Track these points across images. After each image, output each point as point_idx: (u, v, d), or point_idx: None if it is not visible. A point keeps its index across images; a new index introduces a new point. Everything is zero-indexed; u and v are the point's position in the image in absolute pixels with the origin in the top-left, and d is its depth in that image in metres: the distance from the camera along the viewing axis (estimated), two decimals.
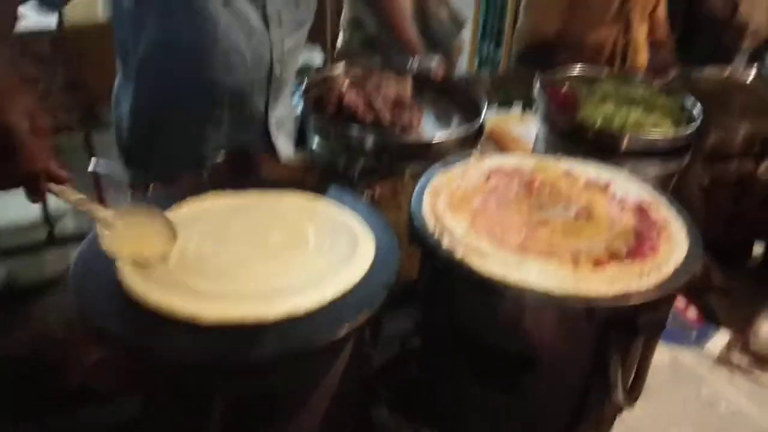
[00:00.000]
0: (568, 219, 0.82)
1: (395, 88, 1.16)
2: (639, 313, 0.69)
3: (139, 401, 0.84)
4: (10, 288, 2.02)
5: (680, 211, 0.87)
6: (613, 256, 0.75)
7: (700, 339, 1.19)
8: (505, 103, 2.22)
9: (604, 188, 0.90)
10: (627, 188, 0.91)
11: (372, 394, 0.99)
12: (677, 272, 0.74)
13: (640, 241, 0.78)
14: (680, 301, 1.26)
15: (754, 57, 3.21)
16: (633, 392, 0.80)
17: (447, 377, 0.89)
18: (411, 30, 1.45)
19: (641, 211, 0.85)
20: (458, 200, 0.86)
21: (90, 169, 1.26)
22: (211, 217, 0.82)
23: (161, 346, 0.63)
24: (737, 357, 1.14)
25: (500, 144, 1.61)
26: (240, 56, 1.27)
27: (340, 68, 1.25)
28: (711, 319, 1.23)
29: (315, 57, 2.88)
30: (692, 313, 1.24)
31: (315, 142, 1.12)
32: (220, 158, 1.15)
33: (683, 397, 1.07)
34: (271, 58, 1.30)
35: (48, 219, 2.30)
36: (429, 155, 1.06)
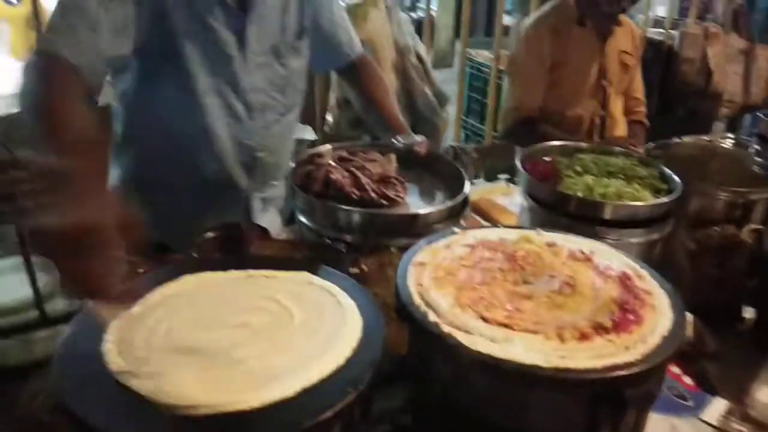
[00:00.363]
0: (552, 291, 0.83)
1: (380, 165, 1.19)
2: (626, 386, 0.69)
3: None
4: None
5: (663, 281, 0.88)
6: (598, 328, 0.75)
7: (697, 407, 1.17)
8: (491, 175, 2.27)
9: (587, 259, 0.92)
10: (610, 259, 0.93)
11: None
12: (663, 343, 0.74)
13: (624, 313, 0.78)
14: (675, 369, 1.25)
15: (732, 124, 3.32)
16: None
17: None
18: (395, 109, 1.51)
19: (624, 281, 0.86)
20: (443, 274, 0.87)
21: None
22: (196, 298, 0.83)
23: None
24: (737, 425, 1.13)
25: (486, 215, 1.64)
26: (225, 143, 1.34)
27: (326, 147, 1.29)
28: (706, 386, 1.21)
29: (309, 136, 2.96)
30: (688, 380, 1.23)
31: (302, 218, 1.14)
32: (208, 236, 1.16)
33: None
34: (254, 144, 1.36)
35: (39, 299, 2.27)
36: (415, 229, 1.08)
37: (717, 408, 1.17)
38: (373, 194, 1.12)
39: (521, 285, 0.85)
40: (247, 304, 0.82)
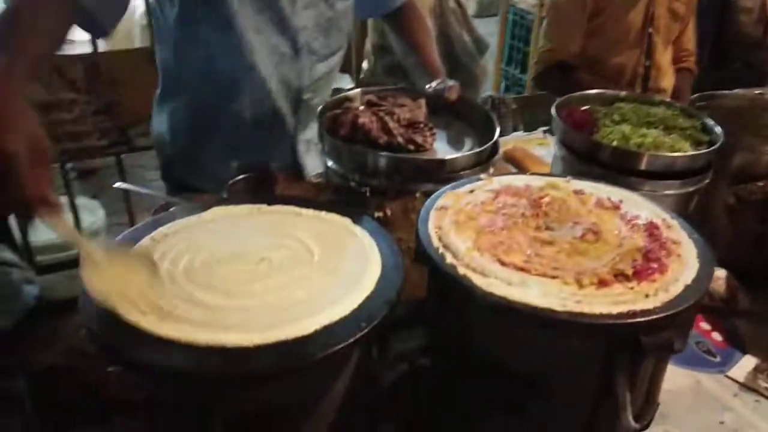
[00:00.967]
0: (574, 238, 0.81)
1: (410, 110, 1.17)
2: (643, 333, 0.68)
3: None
4: (45, 303, 2.09)
5: (694, 233, 0.86)
6: (618, 275, 0.74)
7: (725, 364, 1.15)
8: (531, 127, 2.23)
9: (615, 208, 0.89)
10: (639, 208, 0.90)
11: (380, 411, 0.98)
12: (685, 292, 0.73)
13: (648, 261, 0.77)
14: (704, 325, 1.23)
15: None
16: (643, 415, 0.78)
17: (453, 397, 0.88)
18: (434, 54, 1.49)
19: (652, 231, 0.84)
20: (464, 218, 0.86)
21: (115, 185, 1.32)
22: (218, 232, 0.84)
23: (160, 362, 0.64)
24: (764, 383, 1.10)
25: (520, 165, 1.61)
26: (271, 83, 1.34)
27: (355, 91, 1.28)
28: (736, 344, 1.19)
29: (347, 83, 2.94)
30: (716, 337, 1.21)
31: (329, 162, 1.14)
32: (240, 176, 1.18)
33: (705, 423, 1.03)
34: (301, 85, 1.36)
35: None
36: (441, 175, 1.06)
37: (745, 365, 1.15)
38: (400, 139, 1.11)
39: (543, 231, 0.84)
40: (269, 241, 0.83)
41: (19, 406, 2.34)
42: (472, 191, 0.94)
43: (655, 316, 0.68)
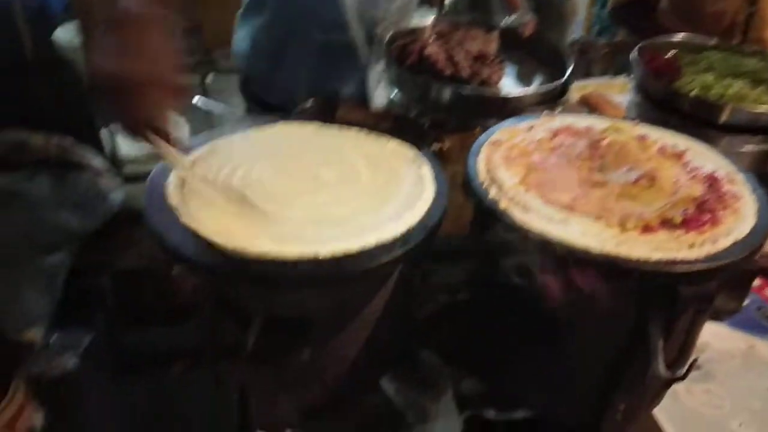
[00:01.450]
0: (627, 182, 0.79)
1: (480, 43, 1.15)
2: (680, 283, 0.67)
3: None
4: (128, 210, 2.25)
5: (759, 189, 0.81)
6: (666, 223, 0.72)
7: None
8: (619, 72, 2.11)
9: (677, 156, 0.86)
10: (704, 160, 0.86)
11: (420, 338, 1.02)
12: (734, 248, 0.70)
13: (700, 212, 0.74)
14: (766, 289, 1.18)
15: None
16: (677, 365, 0.77)
17: (489, 330, 0.90)
18: None
19: (712, 182, 0.80)
20: (516, 154, 0.85)
21: (194, 101, 1.40)
22: (275, 147, 0.88)
23: (206, 263, 0.69)
24: None
25: (595, 110, 1.55)
26: (350, 11, 1.34)
27: (427, 22, 1.26)
28: None
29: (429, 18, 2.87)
30: None
31: (392, 90, 1.15)
32: (308, 99, 1.21)
33: (751, 388, 1.01)
34: (377, 16, 1.36)
35: None
36: (504, 111, 1.04)
37: None
38: (466, 72, 1.10)
39: (596, 173, 0.82)
40: (321, 159, 0.86)
41: (103, 303, 2.56)
42: (530, 128, 0.92)
43: (696, 267, 0.66)
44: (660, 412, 0.95)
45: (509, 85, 1.16)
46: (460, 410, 0.93)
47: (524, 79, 1.20)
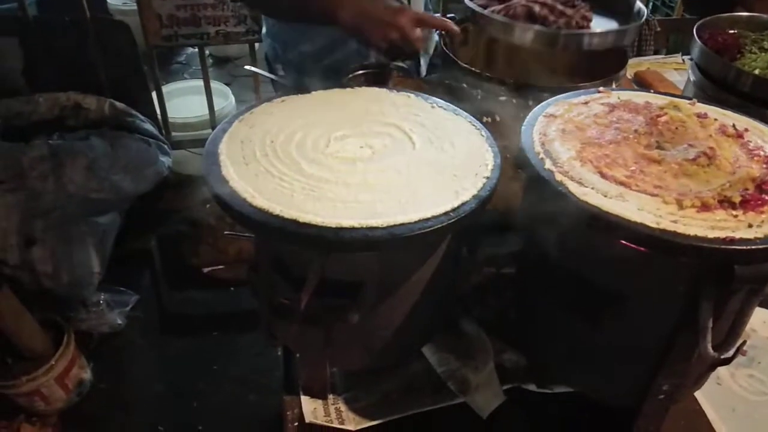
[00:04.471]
0: (686, 160, 0.78)
1: None
2: (736, 262, 0.66)
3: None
4: (175, 175, 2.31)
5: None
6: (724, 202, 0.71)
7: None
8: (674, 51, 2.06)
9: (738, 136, 0.84)
10: (765, 140, 0.84)
11: (465, 308, 1.03)
12: None
13: (760, 192, 0.73)
14: None
15: None
16: (724, 347, 0.76)
17: (535, 304, 0.91)
18: None
19: None
20: (572, 128, 0.85)
21: (245, 67, 1.42)
22: (329, 113, 0.89)
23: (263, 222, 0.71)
24: None
25: (650, 88, 1.52)
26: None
27: None
28: None
29: None
30: None
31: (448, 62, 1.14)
32: (359, 69, 1.22)
33: None
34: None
35: (213, 117, 2.57)
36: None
37: None
38: (577, 18, 1.11)
39: (654, 149, 0.81)
40: (375, 128, 0.87)
41: (150, 262, 2.63)
42: (586, 102, 0.91)
43: (753, 247, 0.65)
44: (702, 395, 0.95)
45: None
46: (501, 382, 0.94)
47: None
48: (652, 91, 1.46)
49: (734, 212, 0.70)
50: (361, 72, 1.21)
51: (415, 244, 0.73)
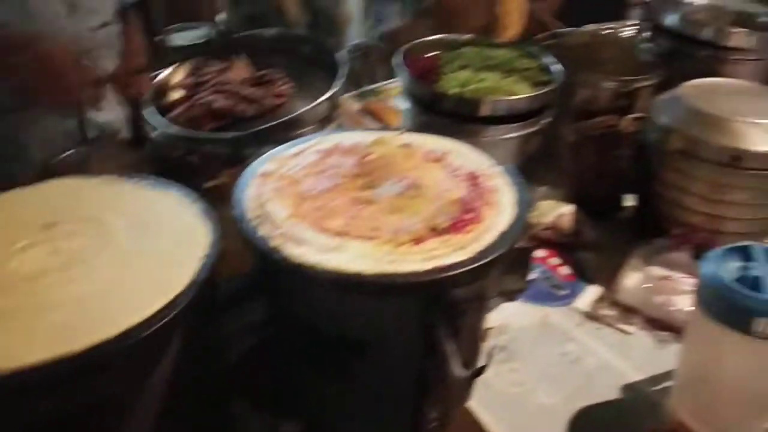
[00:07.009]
0: (395, 195, 0.80)
1: (236, 70, 1.11)
2: (452, 287, 0.68)
3: None
4: None
5: (516, 177, 0.86)
6: (434, 230, 0.74)
7: (573, 296, 1.20)
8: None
9: (438, 160, 0.89)
10: (464, 159, 0.90)
11: (231, 387, 0.96)
12: (498, 241, 0.73)
13: (464, 213, 0.77)
14: (554, 260, 1.28)
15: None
16: (472, 362, 0.79)
17: (291, 367, 0.87)
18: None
19: (473, 180, 0.84)
20: (287, 183, 0.83)
21: None
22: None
23: None
24: (605, 311, 1.17)
25: (379, 119, 1.59)
26: None
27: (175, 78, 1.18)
28: (584, 276, 1.25)
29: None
30: (565, 271, 1.26)
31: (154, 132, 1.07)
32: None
33: (549, 355, 1.08)
34: None
35: None
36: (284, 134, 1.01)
37: (590, 295, 1.20)
38: (268, 100, 1.06)
39: (366, 190, 0.82)
40: (60, 227, 0.77)
41: None
42: (298, 153, 0.90)
43: (462, 269, 0.68)
44: (475, 403, 0.99)
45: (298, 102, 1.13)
46: None
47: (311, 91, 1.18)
48: (377, 123, 1.54)
49: (444, 238, 0.73)
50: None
51: (131, 357, 0.65)
